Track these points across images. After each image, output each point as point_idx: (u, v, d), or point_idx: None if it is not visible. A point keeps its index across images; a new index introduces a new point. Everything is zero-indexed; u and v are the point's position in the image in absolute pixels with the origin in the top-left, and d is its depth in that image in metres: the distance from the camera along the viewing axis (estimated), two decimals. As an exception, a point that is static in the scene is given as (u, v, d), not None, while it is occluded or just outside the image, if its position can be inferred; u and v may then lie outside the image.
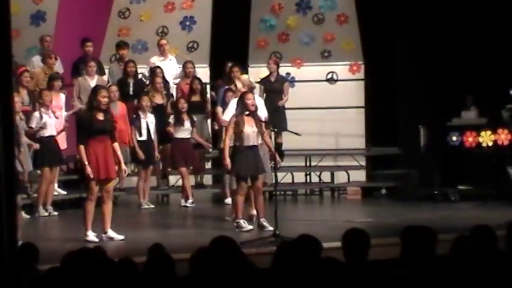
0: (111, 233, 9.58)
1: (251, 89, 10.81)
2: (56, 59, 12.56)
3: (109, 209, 9.55)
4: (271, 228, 9.62)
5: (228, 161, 9.79)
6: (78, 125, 9.95)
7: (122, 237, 9.56)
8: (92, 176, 9.31)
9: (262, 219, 9.93)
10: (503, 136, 12.35)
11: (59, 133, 11.49)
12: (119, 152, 9.62)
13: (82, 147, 9.37)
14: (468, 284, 4.71)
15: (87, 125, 9.42)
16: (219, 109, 11.13)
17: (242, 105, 9.80)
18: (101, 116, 9.42)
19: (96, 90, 9.75)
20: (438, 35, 13.26)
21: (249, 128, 9.72)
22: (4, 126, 5.80)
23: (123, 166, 9.75)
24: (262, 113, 10.41)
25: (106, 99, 9.49)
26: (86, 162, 9.30)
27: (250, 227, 9.95)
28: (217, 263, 4.81)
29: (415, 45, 13.49)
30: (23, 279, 4.85)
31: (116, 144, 9.62)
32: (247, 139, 9.75)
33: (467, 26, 13.12)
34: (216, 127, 12.27)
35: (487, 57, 13.01)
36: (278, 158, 9.98)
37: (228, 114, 10.50)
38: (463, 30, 13.16)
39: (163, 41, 13.63)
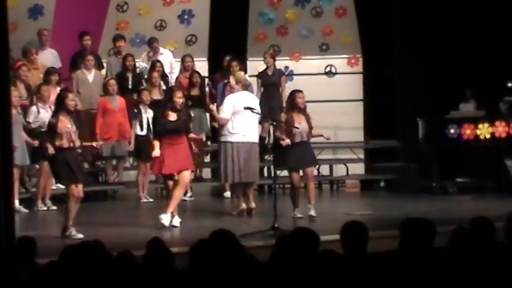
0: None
1: (246, 86, 10.85)
2: (36, 54, 12.43)
3: (177, 193, 9.90)
4: (314, 214, 10.24)
5: (286, 140, 10.15)
6: (153, 123, 10.43)
7: (179, 221, 9.91)
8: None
9: (310, 205, 10.35)
10: (500, 128, 12.36)
11: None
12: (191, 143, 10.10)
13: (156, 142, 9.85)
14: (467, 275, 4.72)
15: (160, 125, 9.90)
16: (213, 107, 11.04)
17: (292, 103, 10.32)
18: (173, 117, 9.81)
19: (172, 90, 10.24)
20: (436, 28, 13.26)
21: (298, 125, 10.17)
22: (1, 120, 5.80)
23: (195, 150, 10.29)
24: (257, 109, 10.47)
25: (181, 100, 9.92)
26: (157, 155, 9.78)
27: (300, 215, 10.26)
28: (217, 256, 4.81)
29: (414, 38, 13.49)
30: (21, 273, 4.86)
31: (191, 135, 10.13)
32: (297, 135, 10.20)
33: (466, 19, 13.11)
34: (216, 125, 12.24)
35: (485, 50, 13.01)
36: (327, 135, 10.52)
37: (223, 111, 10.54)
38: (462, 23, 13.15)
39: (155, 44, 13.50)
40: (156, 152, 9.78)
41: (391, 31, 13.78)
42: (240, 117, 10.42)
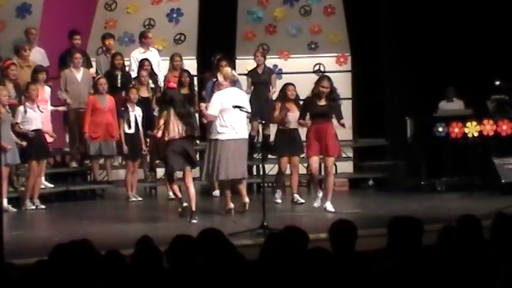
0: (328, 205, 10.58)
1: (234, 82, 10.82)
2: (29, 50, 12.45)
3: (328, 181, 10.68)
4: (302, 200, 11.26)
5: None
6: (302, 106, 11.00)
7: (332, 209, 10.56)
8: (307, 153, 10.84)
9: (295, 194, 11.41)
10: (488, 127, 12.41)
11: (46, 132, 11.45)
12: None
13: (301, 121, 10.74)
14: (455, 273, 4.74)
15: (308, 109, 10.68)
16: (203, 105, 11.10)
17: (284, 94, 11.29)
18: (322, 102, 10.59)
19: (319, 79, 10.95)
20: (424, 26, 13.29)
21: (291, 114, 11.03)
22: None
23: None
24: (246, 106, 10.47)
25: (326, 89, 10.59)
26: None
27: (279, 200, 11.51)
28: (206, 255, 4.82)
29: (402, 37, 13.52)
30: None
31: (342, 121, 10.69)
32: (289, 123, 11.09)
33: (453, 17, 13.16)
34: (205, 121, 12.29)
35: (473, 48, 13.05)
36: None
37: (211, 108, 10.52)
38: (450, 22, 13.19)
39: (150, 34, 13.55)
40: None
41: (380, 29, 13.80)
42: (229, 115, 10.38)
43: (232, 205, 10.61)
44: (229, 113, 10.34)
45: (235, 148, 10.45)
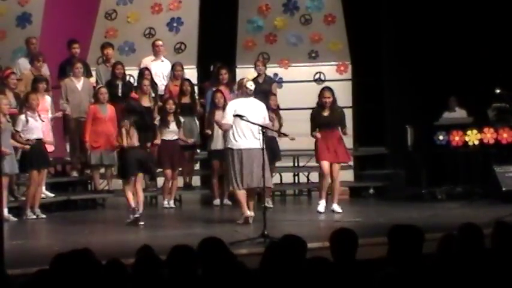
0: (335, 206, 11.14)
1: (247, 94, 10.70)
2: (43, 61, 12.51)
3: (336, 185, 11.29)
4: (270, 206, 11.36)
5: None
6: (310, 120, 11.42)
7: (339, 210, 11.10)
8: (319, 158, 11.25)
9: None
10: (489, 135, 12.42)
11: (47, 142, 11.45)
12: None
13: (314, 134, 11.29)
14: (455, 282, 4.74)
15: (315, 120, 11.25)
16: (219, 115, 11.09)
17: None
18: (326, 112, 11.16)
19: (321, 91, 11.42)
20: (424, 34, 13.31)
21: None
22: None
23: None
24: (263, 117, 10.44)
25: (329, 99, 11.18)
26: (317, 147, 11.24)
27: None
28: (207, 264, 4.81)
29: (402, 45, 13.54)
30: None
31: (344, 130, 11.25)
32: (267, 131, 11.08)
33: (453, 26, 13.18)
34: (209, 131, 12.28)
35: (473, 57, 13.07)
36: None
37: (225, 117, 10.49)
38: (449, 31, 13.22)
39: (159, 42, 13.58)
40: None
41: (380, 38, 13.82)
42: (242, 124, 10.28)
43: (248, 212, 10.44)
44: (242, 122, 10.25)
45: (247, 157, 10.34)
